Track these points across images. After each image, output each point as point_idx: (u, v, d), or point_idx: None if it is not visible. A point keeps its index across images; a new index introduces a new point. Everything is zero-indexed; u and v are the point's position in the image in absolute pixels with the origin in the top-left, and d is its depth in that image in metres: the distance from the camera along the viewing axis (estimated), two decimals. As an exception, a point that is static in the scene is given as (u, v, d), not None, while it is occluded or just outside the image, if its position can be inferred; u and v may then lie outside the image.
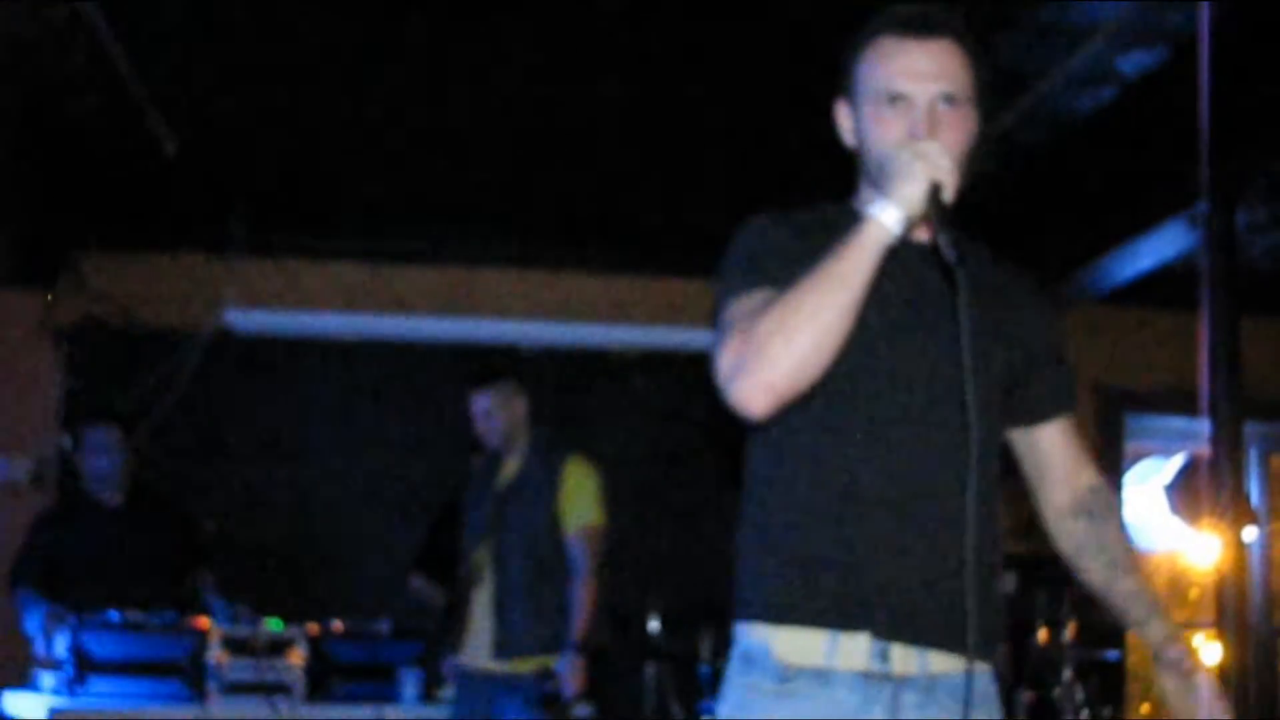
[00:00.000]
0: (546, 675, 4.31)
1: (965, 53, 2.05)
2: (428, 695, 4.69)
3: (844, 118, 2.18)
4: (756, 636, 2.03)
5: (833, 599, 1.97)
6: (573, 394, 6.32)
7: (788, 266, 1.96)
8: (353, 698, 4.57)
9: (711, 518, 5.89)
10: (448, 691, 4.64)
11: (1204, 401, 3.24)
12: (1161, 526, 6.90)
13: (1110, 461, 6.99)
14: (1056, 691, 4.85)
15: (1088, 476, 2.27)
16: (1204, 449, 3.00)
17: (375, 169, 5.78)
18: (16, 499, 5.89)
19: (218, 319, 6.14)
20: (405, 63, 4.93)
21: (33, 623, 4.70)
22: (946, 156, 1.92)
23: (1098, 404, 6.97)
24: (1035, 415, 2.23)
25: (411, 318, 6.36)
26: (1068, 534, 2.30)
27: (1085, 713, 4.84)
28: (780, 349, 1.88)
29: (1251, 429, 6.87)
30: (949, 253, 1.88)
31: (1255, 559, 7.04)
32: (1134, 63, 4.66)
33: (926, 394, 2.02)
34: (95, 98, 4.97)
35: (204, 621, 4.50)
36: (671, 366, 6.36)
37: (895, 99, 2.03)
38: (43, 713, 4.27)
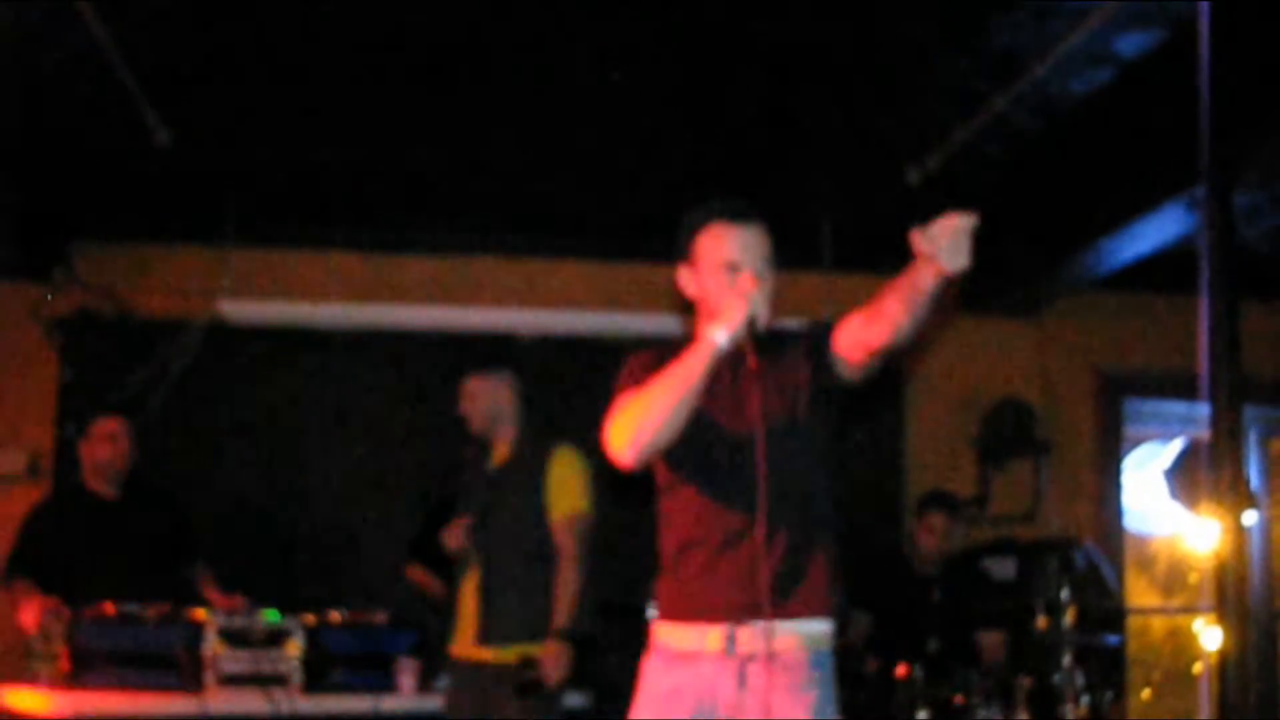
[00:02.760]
0: (528, 663, 4.29)
1: (766, 230, 3.01)
2: (425, 685, 4.68)
3: (686, 279, 3.07)
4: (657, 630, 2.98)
5: (698, 602, 2.89)
6: (568, 382, 6.30)
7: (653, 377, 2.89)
8: (350, 688, 4.55)
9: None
10: (443, 681, 4.63)
11: (1203, 385, 3.22)
12: (1161, 511, 6.89)
13: (1110, 446, 6.98)
14: (1056, 677, 4.84)
15: (859, 318, 2.92)
16: (1203, 433, 2.98)
17: (369, 158, 5.75)
18: (12, 491, 5.88)
19: (212, 309, 6.12)
20: (400, 52, 4.91)
21: (29, 615, 4.69)
22: (761, 301, 2.86)
23: (1097, 388, 6.96)
24: (830, 355, 2.94)
25: (407, 307, 6.34)
26: (883, 331, 2.88)
27: (1085, 698, 4.84)
28: (638, 423, 2.84)
29: (1251, 413, 6.86)
30: (755, 363, 2.84)
31: (1255, 543, 7.04)
32: (1131, 44, 4.63)
33: (738, 454, 2.88)
34: (88, 89, 4.95)
35: (200, 613, 4.49)
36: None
37: (731, 266, 2.95)
38: (40, 706, 4.25)
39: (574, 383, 6.30)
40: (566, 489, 4.47)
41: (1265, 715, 6.54)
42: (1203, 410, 3.01)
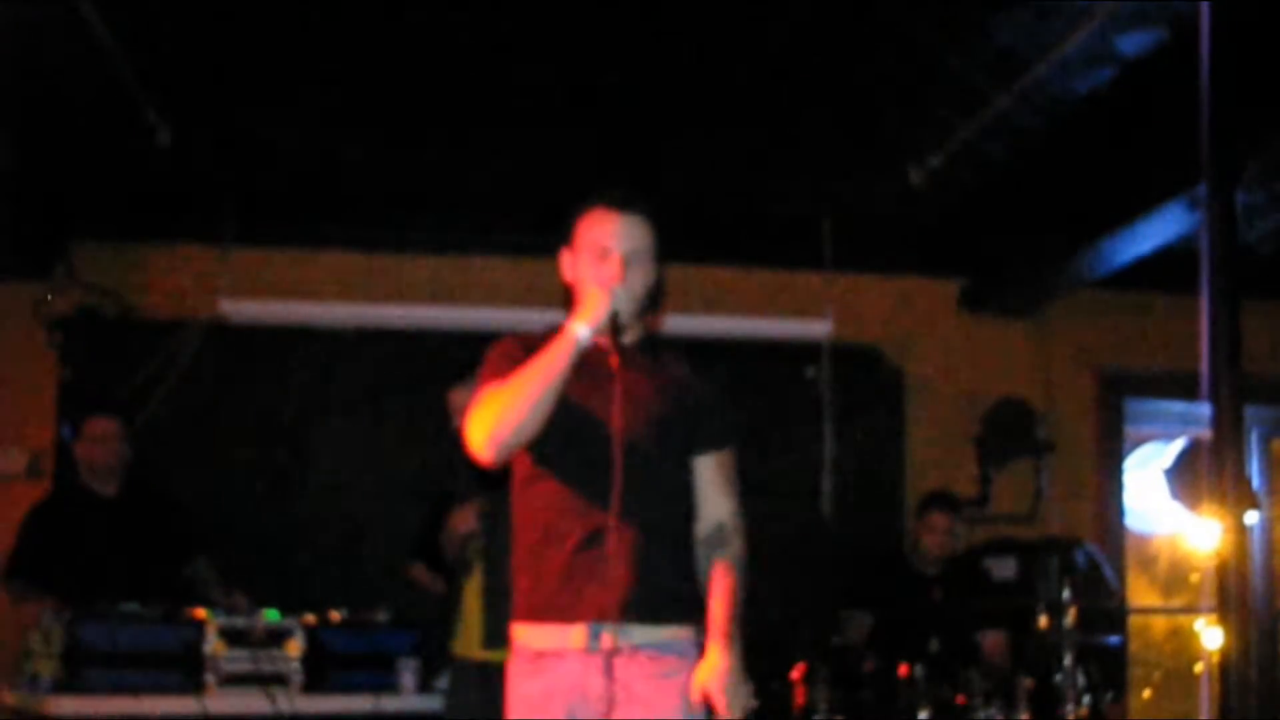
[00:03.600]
0: None
1: (650, 224, 2.98)
2: (426, 685, 4.67)
3: (566, 263, 3.02)
4: (518, 631, 2.93)
5: (559, 601, 2.84)
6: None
7: (517, 367, 2.85)
8: (351, 688, 4.54)
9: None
10: (444, 681, 4.62)
11: (1204, 385, 3.21)
12: (1163, 511, 6.88)
13: (1111, 446, 6.98)
14: (1057, 677, 4.84)
15: (721, 512, 2.98)
16: (1204, 433, 2.98)
17: (370, 158, 5.76)
18: (12, 490, 5.87)
19: (213, 308, 6.12)
20: (400, 52, 4.90)
21: (29, 614, 4.68)
22: (627, 295, 2.87)
23: (1097, 388, 6.96)
24: (690, 451, 2.98)
25: (407, 306, 6.33)
26: (697, 555, 2.97)
27: (1086, 698, 4.83)
28: (499, 417, 2.80)
29: (1252, 413, 6.85)
30: (612, 358, 2.82)
31: (1257, 543, 7.03)
32: (1133, 44, 4.63)
33: (598, 452, 2.81)
34: (89, 89, 4.95)
35: (201, 612, 4.48)
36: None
37: (603, 251, 2.92)
38: (40, 705, 4.25)
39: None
40: None
41: (1266, 716, 6.53)
42: (1203, 410, 3.00)
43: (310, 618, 4.56)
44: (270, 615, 4.52)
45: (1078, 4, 4.36)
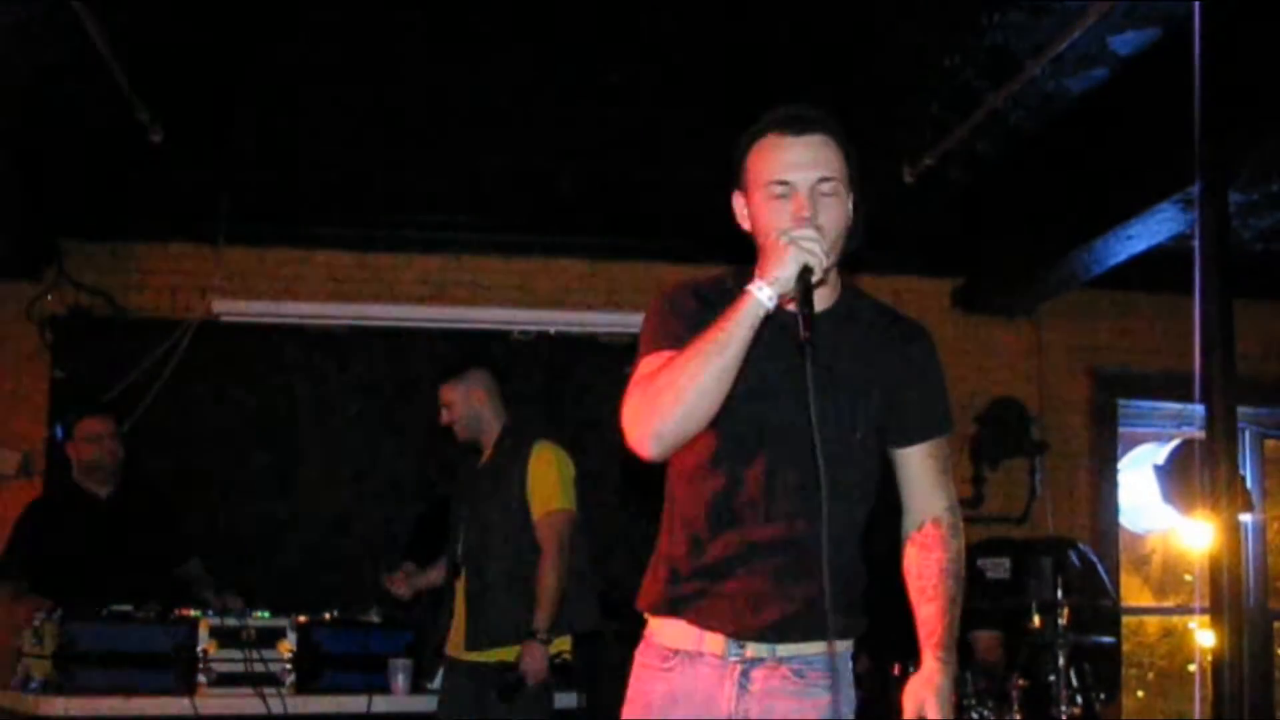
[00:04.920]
0: (507, 665, 4.27)
1: (837, 144, 2.42)
2: (418, 685, 4.66)
3: (739, 206, 2.50)
4: (652, 624, 2.56)
5: (698, 604, 2.47)
6: (563, 379, 6.29)
7: (690, 331, 2.34)
8: (342, 688, 4.54)
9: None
10: (436, 682, 4.61)
11: (1198, 385, 3.21)
12: (1156, 511, 6.88)
13: (1104, 446, 6.98)
14: (1050, 677, 4.84)
15: (936, 506, 2.60)
16: (1198, 433, 2.97)
17: (363, 157, 5.75)
18: (4, 490, 5.87)
19: (205, 308, 6.11)
20: (394, 51, 4.89)
21: (22, 614, 4.67)
22: (820, 242, 2.28)
23: (1091, 388, 6.96)
24: (898, 440, 2.56)
25: (399, 305, 6.33)
26: (905, 555, 2.65)
27: (1079, 698, 4.83)
28: (669, 404, 2.29)
29: (1245, 413, 6.85)
30: (803, 332, 2.24)
31: (1250, 543, 7.03)
32: (1126, 43, 4.63)
33: (785, 442, 2.41)
34: (81, 88, 4.93)
35: (193, 612, 4.47)
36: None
37: (780, 186, 2.38)
38: (32, 706, 4.23)
39: (567, 380, 6.29)
40: (546, 486, 4.43)
41: (1259, 716, 6.53)
42: (1197, 410, 3.00)
43: (302, 618, 4.55)
44: (262, 615, 4.51)
45: (1071, 3, 4.36)
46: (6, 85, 4.90)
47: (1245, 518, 6.63)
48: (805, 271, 2.27)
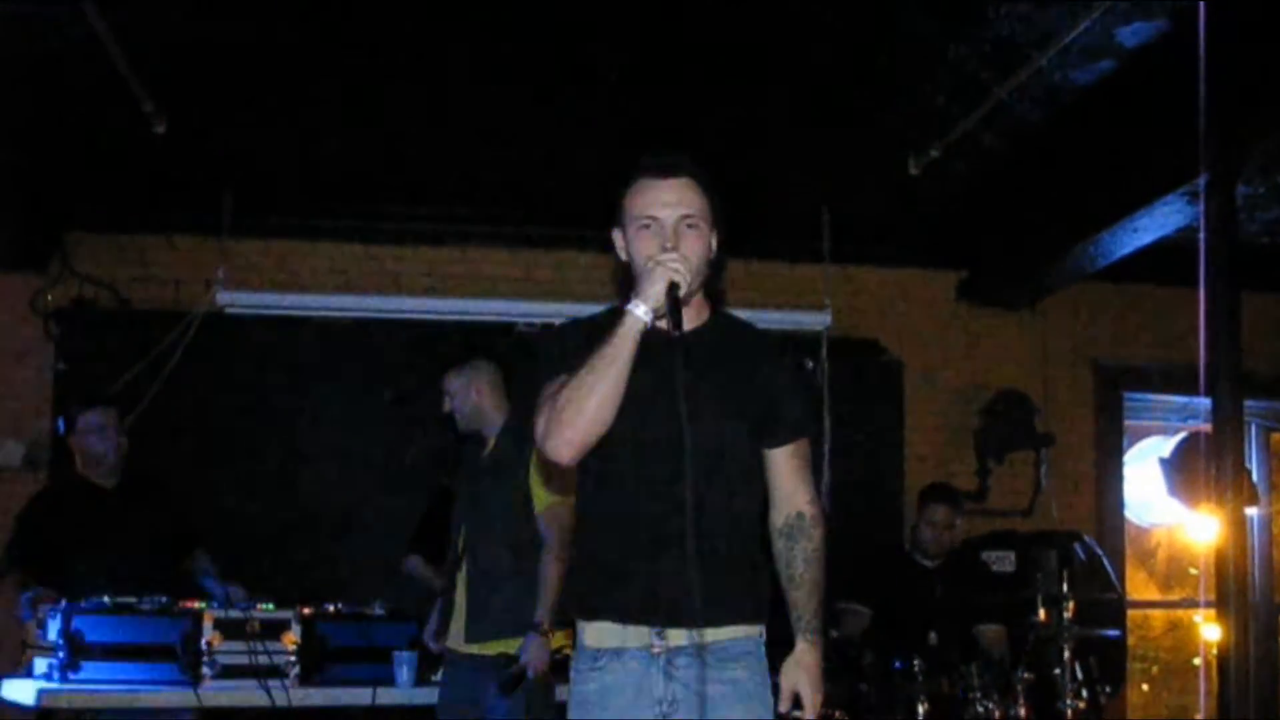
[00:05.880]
0: (508, 659, 4.26)
1: (700, 186, 2.75)
2: (422, 678, 4.66)
3: (619, 240, 2.81)
4: (580, 627, 2.79)
5: (618, 600, 2.70)
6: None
7: (580, 357, 2.66)
8: (347, 680, 4.53)
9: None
10: (440, 674, 4.61)
11: (1204, 378, 3.20)
12: (1162, 504, 6.88)
13: (1109, 439, 6.97)
14: (1056, 670, 4.83)
15: (799, 501, 2.84)
16: (1203, 426, 2.97)
17: (368, 148, 5.74)
18: (10, 482, 5.87)
19: (210, 300, 6.11)
20: (398, 43, 4.89)
21: (26, 607, 4.67)
22: (683, 263, 2.62)
23: (1096, 381, 6.95)
24: (767, 441, 2.82)
25: (405, 297, 6.33)
26: (775, 546, 2.85)
27: (1084, 692, 4.82)
28: (573, 414, 2.61)
29: (1252, 406, 6.85)
30: (672, 330, 2.57)
31: (1256, 537, 7.03)
32: (1133, 35, 4.61)
33: (667, 442, 2.62)
34: (85, 79, 4.93)
35: (197, 604, 4.47)
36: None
37: (649, 222, 2.71)
38: (36, 698, 4.24)
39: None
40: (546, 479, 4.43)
41: (1264, 709, 6.53)
42: (1202, 403, 2.99)
43: (307, 610, 4.55)
44: (267, 608, 4.51)
45: (1078, -5, 4.35)
46: (11, 77, 4.90)
47: (1251, 511, 6.63)
48: (673, 287, 2.60)
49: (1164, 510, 7.01)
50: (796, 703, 2.75)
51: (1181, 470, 6.51)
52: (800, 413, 2.87)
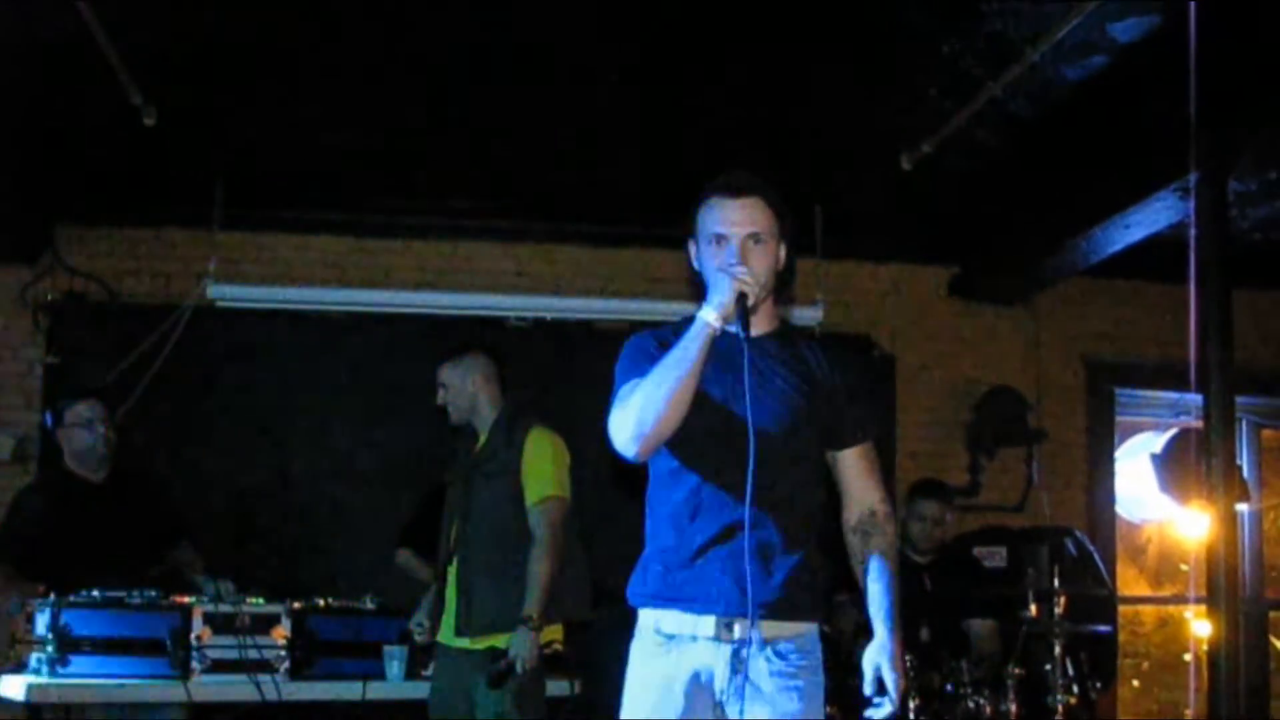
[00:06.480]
0: (497, 653, 4.25)
1: (768, 204, 2.92)
2: (413, 672, 4.65)
3: (691, 252, 3.00)
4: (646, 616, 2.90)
5: (688, 591, 2.82)
6: (559, 366, 6.28)
7: (653, 362, 2.84)
8: (337, 675, 4.53)
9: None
10: (431, 668, 4.60)
11: (1195, 374, 3.20)
12: (1153, 500, 6.88)
13: (1101, 435, 6.98)
14: (1046, 666, 4.84)
15: (871, 500, 2.99)
16: (1195, 423, 2.98)
17: (359, 142, 5.72)
18: (-2, 475, 5.86)
19: (200, 293, 6.09)
20: (390, 37, 4.87)
21: (14, 602, 4.66)
22: (751, 276, 2.81)
23: (1088, 377, 6.96)
24: (833, 444, 2.99)
25: (395, 291, 6.32)
26: (849, 543, 2.98)
27: (1075, 687, 4.83)
28: (644, 412, 2.77)
29: (1243, 402, 6.85)
30: (743, 333, 2.77)
31: (1246, 533, 7.03)
32: (1126, 30, 4.61)
33: (734, 444, 2.77)
34: (76, 71, 4.91)
35: (186, 599, 4.46)
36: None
37: (719, 239, 2.89)
38: (26, 693, 4.23)
39: (564, 367, 6.28)
40: (540, 473, 4.41)
41: (1253, 705, 6.54)
42: (1194, 400, 3.00)
43: (297, 604, 4.54)
44: (257, 602, 4.50)
45: (1070, -10, 4.34)
46: (1, 71, 4.88)
47: (1242, 507, 6.63)
48: (741, 296, 2.79)
49: (1155, 506, 7.01)
50: (879, 689, 2.82)
51: (1173, 466, 6.52)
52: (865, 416, 3.04)
